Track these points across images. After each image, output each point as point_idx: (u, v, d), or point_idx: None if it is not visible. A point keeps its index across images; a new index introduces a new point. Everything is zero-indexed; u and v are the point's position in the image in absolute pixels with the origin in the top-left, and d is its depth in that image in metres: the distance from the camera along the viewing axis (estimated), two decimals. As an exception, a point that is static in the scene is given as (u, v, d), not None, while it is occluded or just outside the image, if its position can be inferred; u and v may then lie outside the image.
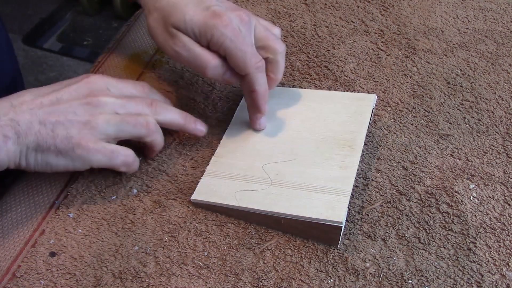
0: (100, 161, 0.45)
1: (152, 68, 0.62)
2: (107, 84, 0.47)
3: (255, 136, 0.51)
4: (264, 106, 0.49)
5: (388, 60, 0.62)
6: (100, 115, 0.44)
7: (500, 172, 0.49)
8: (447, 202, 0.47)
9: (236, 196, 0.46)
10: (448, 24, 0.67)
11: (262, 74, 0.48)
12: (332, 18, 0.68)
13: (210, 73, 0.48)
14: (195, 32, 0.47)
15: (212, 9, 0.47)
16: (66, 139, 0.43)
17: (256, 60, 0.47)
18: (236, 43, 0.46)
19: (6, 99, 0.43)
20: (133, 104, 0.46)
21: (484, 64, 0.61)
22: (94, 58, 1.46)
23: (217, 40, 0.46)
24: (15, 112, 0.42)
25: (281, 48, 0.49)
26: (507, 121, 0.54)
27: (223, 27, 0.46)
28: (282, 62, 0.50)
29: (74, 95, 0.45)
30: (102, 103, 0.45)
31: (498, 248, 0.44)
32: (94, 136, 0.44)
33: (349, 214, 0.46)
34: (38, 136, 0.42)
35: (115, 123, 0.45)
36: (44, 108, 0.43)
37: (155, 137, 0.48)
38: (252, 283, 0.42)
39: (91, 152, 0.44)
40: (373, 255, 0.44)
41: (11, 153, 0.42)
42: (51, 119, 0.43)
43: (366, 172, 0.50)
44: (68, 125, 0.43)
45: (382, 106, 0.56)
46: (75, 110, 0.44)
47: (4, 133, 0.41)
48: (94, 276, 0.43)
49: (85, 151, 0.44)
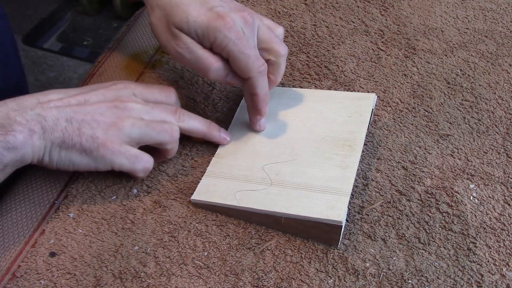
0: (122, 164, 0.45)
1: (152, 68, 0.62)
2: (134, 90, 0.47)
3: (255, 136, 0.51)
4: (264, 108, 0.50)
5: (388, 60, 0.62)
6: (126, 118, 0.45)
7: (500, 172, 0.49)
8: (447, 202, 0.47)
9: (236, 196, 0.46)
10: (448, 24, 0.67)
11: (264, 78, 0.48)
12: (332, 18, 0.68)
13: (213, 76, 0.48)
14: (198, 33, 0.46)
15: (215, 10, 0.46)
16: (92, 138, 0.43)
17: (259, 64, 0.47)
18: (239, 46, 0.46)
19: (33, 96, 0.44)
20: (158, 111, 0.47)
21: (484, 64, 0.61)
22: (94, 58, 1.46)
23: (220, 42, 0.46)
24: (42, 108, 0.43)
25: (284, 51, 0.49)
26: (507, 121, 0.54)
27: (227, 29, 0.45)
28: (283, 65, 0.50)
29: (102, 99, 0.45)
30: (128, 108, 0.45)
31: (498, 248, 0.44)
32: (119, 138, 0.44)
33: (349, 214, 0.46)
34: (64, 133, 0.43)
35: (141, 127, 0.45)
36: (72, 107, 0.44)
37: (175, 146, 0.49)
38: (252, 283, 0.42)
39: (115, 154, 0.44)
40: (373, 255, 0.44)
41: (36, 147, 0.42)
42: (78, 117, 0.43)
43: (366, 172, 0.50)
44: (94, 125, 0.44)
45: (382, 106, 0.56)
46: (102, 112, 0.44)
47: (30, 128, 0.42)
48: (94, 276, 0.43)
49: (109, 152, 0.44)
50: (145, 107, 0.46)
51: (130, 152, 0.45)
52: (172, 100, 0.50)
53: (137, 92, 0.47)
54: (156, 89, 0.49)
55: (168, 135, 0.47)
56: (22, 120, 0.42)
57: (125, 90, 0.47)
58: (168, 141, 0.47)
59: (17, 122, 0.41)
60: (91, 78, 0.62)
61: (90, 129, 0.43)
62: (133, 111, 0.46)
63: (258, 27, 0.48)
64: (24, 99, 0.43)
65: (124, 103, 0.45)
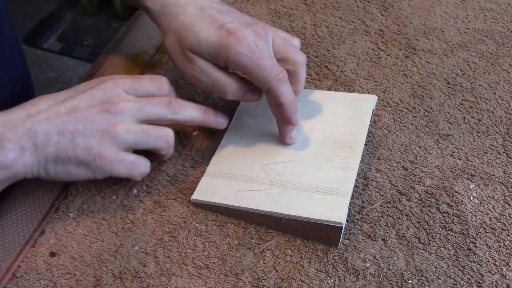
0: (120, 171, 0.44)
1: (152, 68, 0.62)
2: (123, 86, 0.45)
3: (256, 136, 0.51)
4: (294, 117, 0.47)
5: (388, 60, 0.62)
6: (119, 124, 0.43)
7: (500, 172, 0.49)
8: (447, 202, 0.47)
9: (236, 196, 0.46)
10: (448, 24, 0.67)
11: (286, 85, 0.46)
12: (332, 18, 0.68)
13: (231, 96, 0.47)
14: (210, 54, 0.46)
15: (225, 28, 0.45)
16: (87, 150, 0.42)
17: (277, 71, 0.45)
18: (253, 59, 0.44)
19: (21, 108, 0.42)
20: (151, 106, 0.45)
21: (484, 64, 0.61)
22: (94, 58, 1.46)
23: (233, 59, 0.45)
24: (32, 121, 0.41)
25: (302, 59, 0.48)
26: (507, 121, 0.54)
27: (238, 45, 0.44)
28: (303, 73, 0.48)
29: (91, 103, 0.43)
30: (119, 110, 0.43)
31: (498, 248, 0.44)
32: (114, 145, 0.43)
33: (349, 214, 0.46)
34: (57, 147, 0.41)
35: (135, 134, 0.44)
36: (62, 117, 0.42)
37: (170, 151, 0.48)
38: (252, 283, 0.42)
39: (113, 163, 0.43)
40: (373, 255, 0.44)
41: (28, 164, 0.41)
42: (70, 128, 0.42)
43: (366, 172, 0.50)
44: (87, 134, 0.42)
45: (382, 106, 0.56)
46: (93, 118, 0.43)
47: (21, 145, 0.40)
48: (94, 276, 0.43)
49: (106, 162, 0.43)
50: (137, 104, 0.44)
51: (127, 159, 0.44)
52: (165, 90, 0.47)
53: (126, 87, 0.45)
54: (147, 80, 0.47)
55: (163, 141, 0.46)
56: (13, 137, 0.40)
57: (114, 88, 0.45)
58: (163, 147, 0.46)
59: (7, 139, 0.40)
60: (91, 78, 0.62)
61: (83, 139, 0.42)
62: (125, 113, 0.44)
63: (273, 38, 0.47)
64: (13, 113, 0.42)
65: (115, 105, 0.43)
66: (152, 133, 0.45)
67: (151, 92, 0.47)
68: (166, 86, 0.48)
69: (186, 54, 0.47)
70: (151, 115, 0.45)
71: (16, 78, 0.59)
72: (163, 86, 0.47)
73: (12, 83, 0.57)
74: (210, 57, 0.46)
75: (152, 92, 0.47)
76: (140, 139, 0.44)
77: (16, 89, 0.59)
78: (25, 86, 0.63)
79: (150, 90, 0.47)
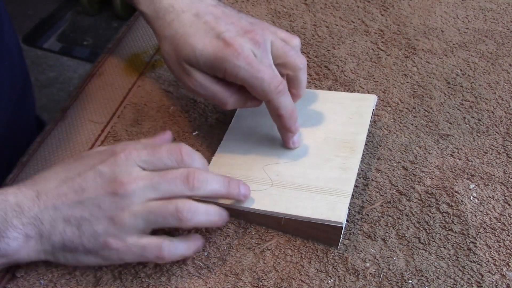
0: (131, 258, 0.41)
1: (152, 68, 0.62)
2: (136, 159, 0.41)
3: (256, 137, 0.51)
4: (293, 126, 0.47)
5: (388, 60, 0.62)
6: (127, 208, 0.40)
7: (500, 172, 0.49)
8: (447, 202, 0.47)
9: (236, 196, 0.46)
10: (448, 24, 0.67)
11: (285, 97, 0.45)
12: (332, 18, 0.68)
13: (231, 108, 0.47)
14: (207, 66, 0.45)
15: (222, 37, 0.44)
16: (93, 237, 0.40)
17: (276, 84, 0.44)
18: (251, 72, 0.43)
19: (31, 184, 0.41)
20: (165, 184, 0.41)
21: (484, 64, 0.61)
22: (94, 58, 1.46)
23: (230, 72, 0.44)
24: (39, 207, 0.39)
25: (302, 63, 0.47)
26: (507, 121, 0.54)
27: (235, 57, 0.43)
28: (303, 77, 0.48)
29: (99, 182, 0.40)
30: (129, 193, 0.39)
31: (498, 248, 0.44)
32: (123, 232, 0.40)
33: (349, 214, 0.46)
34: (63, 235, 0.40)
35: (143, 216, 0.40)
36: (69, 201, 0.40)
37: (193, 223, 0.41)
38: (252, 283, 0.42)
39: (121, 252, 0.40)
40: (373, 255, 0.44)
41: (33, 252, 0.40)
42: (76, 214, 0.40)
43: (366, 172, 0.50)
44: (93, 221, 0.40)
45: (382, 106, 0.56)
46: (100, 203, 0.40)
47: (26, 233, 0.39)
48: (94, 276, 0.43)
49: (115, 251, 0.40)
50: (149, 183, 0.40)
51: (137, 245, 0.40)
52: (185, 162, 0.42)
53: (140, 161, 0.41)
54: (164, 151, 0.42)
55: (174, 218, 0.40)
56: (19, 223, 0.39)
57: (125, 163, 0.41)
58: (178, 224, 0.41)
59: (13, 226, 0.39)
60: (91, 78, 0.62)
61: (90, 227, 0.40)
62: (135, 195, 0.40)
63: (272, 43, 0.46)
64: (24, 191, 0.40)
65: (124, 187, 0.39)
66: (160, 212, 0.40)
67: (168, 166, 0.42)
68: (186, 157, 0.42)
69: (183, 66, 0.46)
70: (165, 194, 0.41)
71: (15, 79, 0.59)
72: (183, 158, 0.42)
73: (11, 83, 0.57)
74: (207, 69, 0.45)
75: (170, 165, 0.42)
76: (149, 220, 0.40)
77: (15, 90, 0.59)
78: (24, 87, 0.63)
79: (167, 162, 0.42)
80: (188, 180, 0.41)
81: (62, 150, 0.54)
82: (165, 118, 0.56)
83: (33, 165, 0.53)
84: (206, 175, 0.42)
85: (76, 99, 0.59)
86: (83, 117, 0.57)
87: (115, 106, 0.58)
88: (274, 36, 0.47)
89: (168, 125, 0.55)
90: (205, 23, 0.46)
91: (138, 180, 0.40)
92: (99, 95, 0.60)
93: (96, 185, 0.40)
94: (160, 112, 0.57)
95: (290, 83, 0.48)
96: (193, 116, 0.56)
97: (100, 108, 0.58)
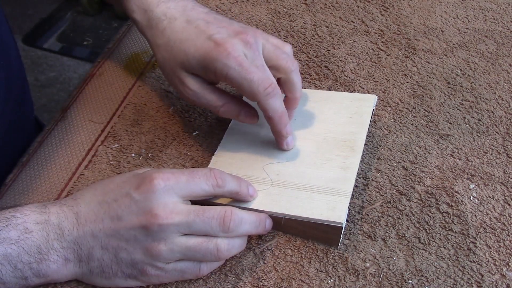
0: (172, 280, 0.42)
1: (152, 68, 0.62)
2: (174, 188, 0.40)
3: (256, 136, 0.51)
4: (284, 130, 0.46)
5: (388, 60, 0.62)
6: (163, 241, 0.39)
7: (500, 172, 0.49)
8: (447, 202, 0.47)
9: (236, 196, 0.46)
10: (448, 24, 0.67)
11: (274, 99, 0.44)
12: (332, 18, 0.68)
13: (224, 116, 0.48)
14: (200, 68, 0.45)
15: (213, 39, 0.45)
16: (132, 265, 0.40)
17: (265, 85, 0.44)
18: (240, 72, 0.43)
19: (72, 205, 0.41)
20: (201, 223, 0.40)
21: (484, 64, 0.61)
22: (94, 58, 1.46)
23: (220, 72, 0.44)
24: (78, 232, 0.40)
25: (293, 66, 0.47)
26: (507, 121, 0.54)
27: (225, 57, 0.43)
28: (297, 79, 0.47)
29: (135, 211, 0.39)
30: (163, 228, 0.39)
31: (498, 248, 0.44)
32: (160, 262, 0.40)
33: (349, 214, 0.46)
34: (101, 262, 0.40)
35: (181, 251, 0.40)
36: (106, 229, 0.40)
37: (227, 257, 0.42)
38: (252, 283, 0.42)
39: (160, 278, 0.41)
40: (373, 255, 0.44)
41: (71, 274, 0.41)
42: (113, 243, 0.40)
43: (366, 172, 0.50)
44: (130, 250, 0.40)
45: (382, 106, 0.56)
46: (136, 234, 0.39)
47: (65, 256, 0.40)
48: (94, 276, 0.43)
49: (153, 277, 0.41)
50: (185, 220, 0.39)
51: (177, 268, 0.41)
52: (221, 187, 0.42)
53: (178, 188, 0.40)
54: (203, 177, 0.41)
55: (213, 256, 0.41)
56: (59, 246, 0.40)
57: (162, 192, 0.39)
58: (215, 260, 0.42)
59: (54, 248, 0.39)
60: (91, 78, 0.62)
61: (127, 255, 0.40)
62: (169, 230, 0.39)
63: (263, 46, 0.46)
64: (65, 212, 0.40)
65: (159, 221, 0.38)
66: (199, 250, 0.40)
67: (206, 191, 0.42)
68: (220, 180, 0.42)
69: (177, 74, 0.47)
70: (200, 232, 0.40)
71: (11, 81, 0.58)
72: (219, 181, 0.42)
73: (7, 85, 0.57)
74: (201, 71, 0.46)
75: (206, 191, 0.42)
76: (187, 255, 0.40)
77: (12, 92, 0.59)
78: (21, 89, 0.63)
79: (204, 188, 0.41)
80: (224, 222, 0.40)
81: (62, 150, 0.54)
82: (165, 118, 0.56)
83: (33, 165, 0.53)
84: (241, 216, 0.41)
85: (76, 99, 0.59)
86: (83, 117, 0.57)
87: (115, 106, 0.58)
88: (265, 40, 0.47)
89: (168, 125, 0.55)
90: (197, 27, 0.46)
91: (174, 215, 0.39)
92: (99, 95, 0.60)
93: (131, 213, 0.39)
94: (160, 112, 0.57)
95: (284, 86, 0.48)
96: (193, 116, 0.56)
97: (100, 108, 0.58)
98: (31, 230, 0.39)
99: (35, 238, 0.39)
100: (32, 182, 0.51)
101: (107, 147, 0.54)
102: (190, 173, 0.41)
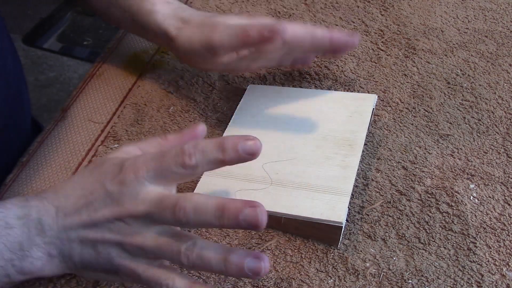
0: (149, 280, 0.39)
1: (152, 68, 0.62)
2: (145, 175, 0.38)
3: (255, 135, 0.51)
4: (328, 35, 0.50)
5: (388, 60, 0.62)
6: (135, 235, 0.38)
7: (500, 172, 0.49)
8: (447, 202, 0.47)
9: (236, 195, 0.46)
10: (448, 24, 0.67)
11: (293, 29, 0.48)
12: (332, 18, 0.68)
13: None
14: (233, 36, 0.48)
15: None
16: (108, 261, 0.39)
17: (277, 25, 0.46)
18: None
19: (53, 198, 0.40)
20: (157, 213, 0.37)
21: (484, 64, 0.61)
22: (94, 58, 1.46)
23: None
24: (58, 226, 0.39)
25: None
26: (507, 121, 0.54)
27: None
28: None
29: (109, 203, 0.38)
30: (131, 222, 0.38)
31: (498, 248, 0.44)
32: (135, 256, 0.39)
33: (349, 214, 0.46)
34: (81, 256, 0.39)
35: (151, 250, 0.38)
36: (83, 222, 0.39)
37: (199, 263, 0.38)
38: (252, 283, 0.42)
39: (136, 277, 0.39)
40: (373, 255, 0.44)
41: (56, 269, 0.40)
42: (90, 236, 0.39)
43: (366, 172, 0.50)
44: (106, 243, 0.39)
45: (382, 106, 0.56)
46: (111, 226, 0.38)
47: (49, 252, 0.39)
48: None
49: (128, 276, 0.39)
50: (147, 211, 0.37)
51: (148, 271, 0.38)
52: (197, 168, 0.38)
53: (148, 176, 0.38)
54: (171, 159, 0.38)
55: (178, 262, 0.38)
56: (41, 242, 0.39)
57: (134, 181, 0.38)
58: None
59: (36, 244, 0.39)
60: (91, 78, 0.62)
61: (103, 249, 0.39)
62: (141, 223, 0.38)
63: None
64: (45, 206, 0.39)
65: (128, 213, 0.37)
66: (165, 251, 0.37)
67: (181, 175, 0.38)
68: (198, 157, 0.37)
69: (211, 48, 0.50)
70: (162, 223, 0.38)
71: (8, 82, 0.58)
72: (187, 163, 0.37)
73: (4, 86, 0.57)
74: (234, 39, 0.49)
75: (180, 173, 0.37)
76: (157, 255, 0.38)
77: (9, 93, 0.59)
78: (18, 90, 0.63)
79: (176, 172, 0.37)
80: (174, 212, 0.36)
81: (62, 150, 0.54)
82: (165, 118, 0.56)
83: (33, 165, 0.53)
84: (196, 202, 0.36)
85: (76, 99, 0.59)
86: (83, 117, 0.57)
87: (115, 106, 0.58)
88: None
89: (168, 125, 0.55)
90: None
91: (140, 206, 0.37)
92: (99, 95, 0.60)
93: (106, 206, 0.38)
94: (160, 112, 0.57)
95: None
96: (193, 116, 0.56)
97: (100, 108, 0.58)
98: (12, 226, 0.38)
99: (16, 234, 0.38)
100: (32, 182, 0.51)
101: (107, 147, 0.54)
102: (161, 156, 0.38)
